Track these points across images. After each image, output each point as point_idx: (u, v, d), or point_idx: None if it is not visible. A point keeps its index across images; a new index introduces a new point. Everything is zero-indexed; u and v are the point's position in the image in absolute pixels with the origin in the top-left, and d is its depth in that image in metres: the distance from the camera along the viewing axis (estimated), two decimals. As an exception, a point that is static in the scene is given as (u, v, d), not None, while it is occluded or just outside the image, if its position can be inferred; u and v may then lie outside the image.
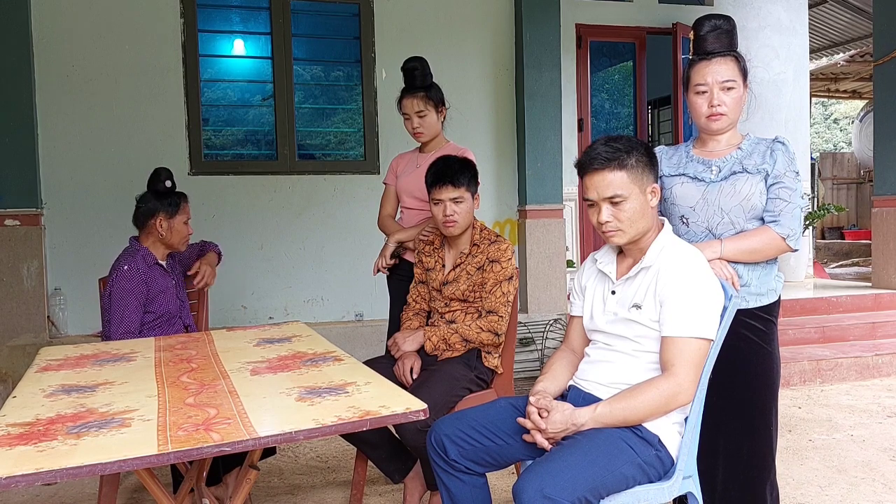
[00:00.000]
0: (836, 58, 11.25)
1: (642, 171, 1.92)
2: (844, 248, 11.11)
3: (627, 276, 1.98)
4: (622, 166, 1.89)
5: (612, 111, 7.50)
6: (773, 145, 2.18)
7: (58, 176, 4.68)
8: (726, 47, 2.19)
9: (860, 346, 5.26)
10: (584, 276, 2.15)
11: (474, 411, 2.10)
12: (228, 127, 5.40)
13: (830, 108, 23.84)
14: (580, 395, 2.01)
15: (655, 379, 1.86)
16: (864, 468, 3.29)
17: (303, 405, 1.59)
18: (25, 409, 1.65)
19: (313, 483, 3.27)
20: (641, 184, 1.92)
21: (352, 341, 4.83)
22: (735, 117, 2.21)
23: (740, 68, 2.18)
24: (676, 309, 1.86)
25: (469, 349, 2.68)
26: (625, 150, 1.90)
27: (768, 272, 2.21)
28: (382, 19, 5.35)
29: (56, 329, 4.65)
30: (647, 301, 1.91)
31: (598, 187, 1.91)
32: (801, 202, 2.17)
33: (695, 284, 1.87)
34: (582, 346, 2.14)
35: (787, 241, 2.13)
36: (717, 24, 2.20)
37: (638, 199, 1.91)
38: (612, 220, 1.92)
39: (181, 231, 2.93)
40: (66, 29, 4.68)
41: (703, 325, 1.86)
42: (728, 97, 2.17)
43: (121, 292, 2.75)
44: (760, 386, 2.20)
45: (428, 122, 3.12)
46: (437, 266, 2.81)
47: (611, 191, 1.90)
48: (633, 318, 1.93)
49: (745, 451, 2.19)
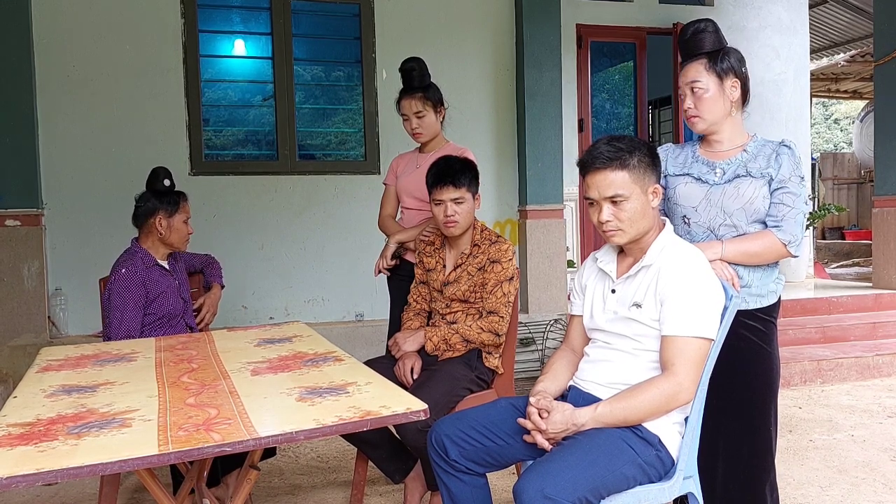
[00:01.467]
0: (837, 58, 11.25)
1: (644, 171, 1.92)
2: (845, 248, 11.10)
3: (628, 275, 1.98)
4: (624, 166, 1.89)
5: (612, 111, 7.50)
6: (780, 149, 2.16)
7: (58, 176, 4.68)
8: (698, 49, 2.18)
9: (861, 346, 5.26)
10: (585, 274, 2.15)
11: (475, 411, 2.10)
12: (229, 127, 5.41)
13: (831, 108, 23.83)
14: (580, 394, 2.00)
15: (656, 378, 1.86)
16: (865, 468, 3.28)
17: (303, 405, 1.59)
18: (26, 409, 1.65)
19: (314, 483, 3.27)
20: (643, 184, 1.92)
21: (352, 341, 4.83)
22: (712, 118, 2.19)
23: (711, 68, 2.17)
24: (677, 308, 1.85)
25: (469, 349, 2.68)
26: (627, 149, 1.90)
27: (769, 274, 2.21)
28: (383, 19, 5.35)
29: (57, 329, 4.65)
30: (648, 300, 1.91)
31: (600, 186, 1.91)
32: (804, 207, 2.15)
33: (696, 284, 1.87)
34: (582, 345, 2.14)
35: (788, 247, 2.12)
36: (695, 27, 2.20)
37: (639, 200, 1.91)
38: (613, 219, 1.92)
39: (181, 230, 2.92)
40: (66, 29, 4.69)
41: (704, 324, 1.85)
42: (697, 99, 2.17)
43: (119, 296, 2.75)
44: (760, 386, 2.20)
45: (426, 123, 3.12)
46: (438, 266, 2.81)
47: (612, 190, 1.89)
48: (633, 316, 1.93)
49: (744, 451, 2.19)
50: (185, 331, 2.95)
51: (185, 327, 2.98)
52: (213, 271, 3.27)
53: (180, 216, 2.92)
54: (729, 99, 2.19)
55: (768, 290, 2.21)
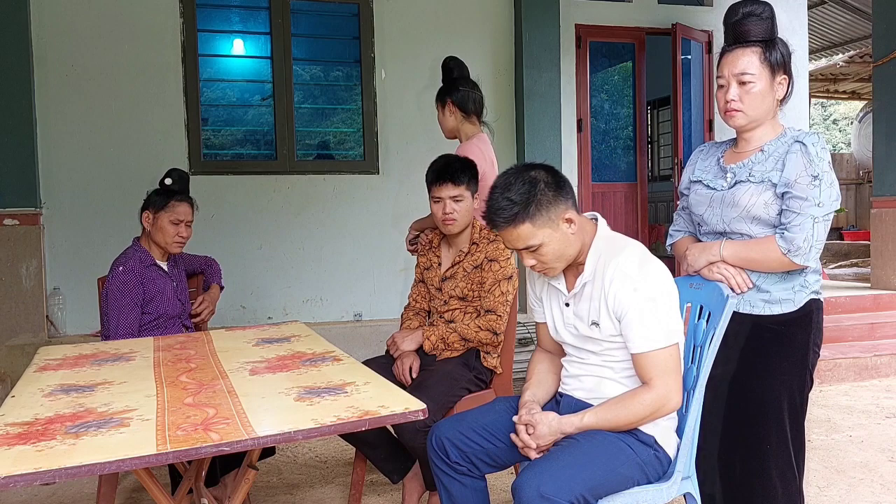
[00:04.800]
0: (836, 59, 11.26)
1: (547, 209, 1.84)
2: (843, 248, 11.10)
3: (574, 291, 1.95)
4: (524, 219, 1.82)
5: (611, 111, 7.50)
6: (791, 147, 1.99)
7: (57, 175, 4.68)
8: (753, 35, 1.99)
9: (859, 346, 5.26)
10: (538, 286, 2.12)
11: (474, 413, 2.10)
12: (228, 127, 5.41)
13: (829, 108, 23.84)
14: (572, 401, 2.01)
15: (638, 392, 1.84)
16: (863, 469, 3.29)
17: (302, 405, 1.59)
18: (24, 408, 1.65)
19: (312, 483, 3.27)
20: (552, 223, 1.85)
21: (350, 341, 4.82)
22: (756, 115, 2.02)
23: (766, 59, 1.98)
24: (636, 325, 1.81)
25: (468, 349, 2.68)
26: (522, 201, 1.82)
27: (786, 280, 2.05)
28: (382, 19, 5.35)
29: (55, 329, 4.64)
30: (603, 318, 1.87)
31: (511, 241, 1.88)
32: (816, 210, 1.93)
33: (645, 292, 1.80)
34: (554, 346, 2.12)
35: (788, 255, 1.94)
36: (749, 10, 1.99)
37: (553, 238, 1.85)
38: (538, 262, 1.90)
39: (165, 230, 2.87)
40: (65, 28, 4.68)
41: (667, 332, 1.81)
42: (744, 92, 1.99)
43: (116, 294, 2.75)
44: (768, 395, 2.06)
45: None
46: (435, 264, 2.82)
47: (522, 243, 1.86)
48: (594, 335, 1.91)
49: (740, 468, 2.10)
50: (181, 332, 2.94)
51: (182, 329, 2.97)
52: (212, 272, 3.26)
53: (167, 215, 2.87)
54: (775, 96, 2.03)
55: (782, 298, 2.05)
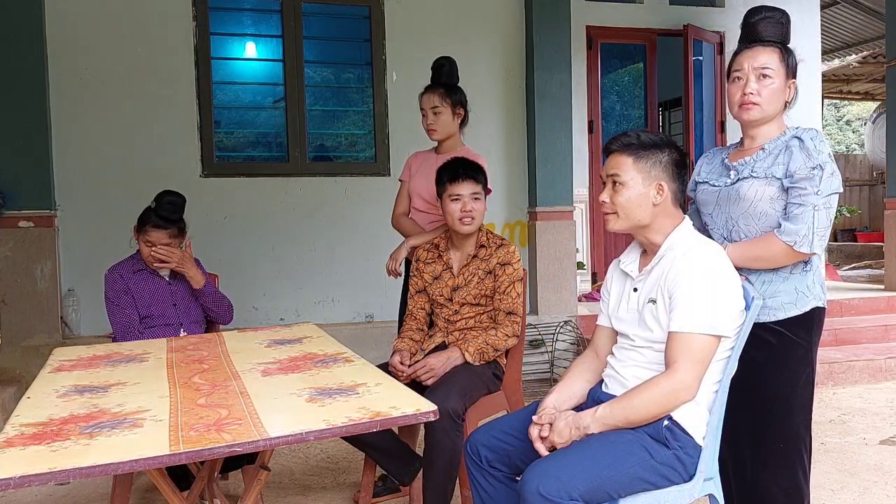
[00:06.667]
0: (849, 59, 11.17)
1: (653, 166, 1.92)
2: (857, 250, 11.02)
3: (644, 273, 1.96)
4: (633, 153, 1.93)
5: (622, 113, 7.48)
6: (790, 142, 2.04)
7: (71, 178, 4.71)
8: (773, 36, 2.06)
9: (873, 348, 5.23)
10: (608, 280, 2.14)
11: (506, 417, 2.14)
12: (240, 129, 5.43)
13: (843, 109, 23.65)
14: (602, 395, 1.99)
15: (657, 377, 1.83)
16: (877, 472, 3.26)
17: (313, 406, 1.60)
18: (39, 409, 1.67)
19: (323, 484, 3.28)
20: (647, 176, 1.92)
21: (362, 342, 4.82)
22: (770, 111, 2.08)
23: (784, 60, 2.06)
24: (682, 303, 1.81)
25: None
26: (643, 143, 1.93)
27: (783, 285, 2.06)
28: (393, 22, 5.36)
29: (69, 330, 4.68)
30: (659, 295, 1.88)
31: (609, 165, 1.97)
32: (817, 200, 1.97)
33: (704, 278, 1.82)
34: (606, 351, 2.11)
35: (794, 247, 1.97)
36: (768, 14, 2.09)
37: (636, 186, 1.92)
38: (609, 201, 1.96)
39: (143, 249, 2.95)
40: (79, 32, 4.72)
41: (711, 320, 1.80)
42: (763, 86, 2.05)
43: (107, 295, 2.93)
44: (770, 403, 2.07)
45: (442, 121, 3.12)
46: (444, 272, 2.79)
47: (614, 169, 1.95)
48: (649, 312, 1.90)
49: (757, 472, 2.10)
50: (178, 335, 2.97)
51: (181, 331, 3.00)
52: (219, 312, 3.14)
53: (143, 236, 2.93)
54: (785, 98, 2.11)
55: (781, 304, 2.06)
